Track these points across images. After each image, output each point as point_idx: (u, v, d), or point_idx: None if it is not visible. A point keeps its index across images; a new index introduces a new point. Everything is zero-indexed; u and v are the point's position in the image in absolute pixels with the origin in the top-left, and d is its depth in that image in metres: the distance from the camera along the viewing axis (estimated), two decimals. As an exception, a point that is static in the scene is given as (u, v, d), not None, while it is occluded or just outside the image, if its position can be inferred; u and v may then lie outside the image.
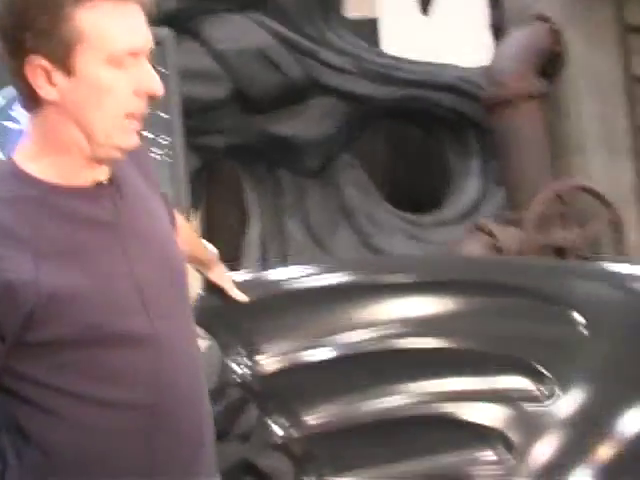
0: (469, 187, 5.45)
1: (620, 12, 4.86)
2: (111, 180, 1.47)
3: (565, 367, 2.49)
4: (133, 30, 1.38)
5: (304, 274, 2.72)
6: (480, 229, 4.65)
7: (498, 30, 5.53)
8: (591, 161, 4.88)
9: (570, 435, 2.45)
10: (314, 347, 2.57)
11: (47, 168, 1.41)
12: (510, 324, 2.65)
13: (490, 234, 4.59)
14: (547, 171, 4.78)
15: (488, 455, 2.47)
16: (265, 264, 4.88)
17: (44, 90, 1.36)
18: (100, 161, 1.43)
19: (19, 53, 1.35)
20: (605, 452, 2.44)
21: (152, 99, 1.42)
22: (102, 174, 1.45)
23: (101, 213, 1.44)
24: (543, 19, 4.88)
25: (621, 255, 4.59)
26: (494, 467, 2.46)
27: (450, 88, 5.31)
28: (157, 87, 1.41)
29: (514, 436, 2.40)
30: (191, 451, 1.50)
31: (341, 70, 5.06)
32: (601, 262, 3.39)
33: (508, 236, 4.60)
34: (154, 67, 1.42)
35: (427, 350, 2.50)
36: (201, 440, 1.52)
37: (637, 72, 4.89)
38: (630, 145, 4.92)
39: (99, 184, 1.45)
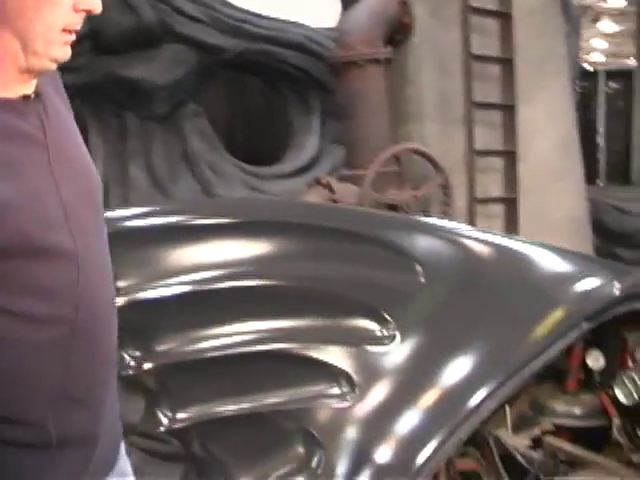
0: (309, 144, 5.64)
1: (465, -9, 5.16)
2: (37, 95, 1.43)
3: (404, 312, 2.65)
4: None
5: (149, 213, 2.79)
6: (320, 183, 4.85)
7: (347, -4, 5.74)
8: (427, 128, 5.17)
9: (407, 376, 2.64)
10: (163, 283, 2.63)
11: None
12: (354, 269, 2.77)
13: (329, 188, 4.79)
14: (387, 133, 5.03)
15: (332, 391, 2.63)
16: (106, 209, 4.86)
17: None
18: (32, 72, 1.40)
19: None
20: (435, 394, 2.65)
21: (89, 14, 1.41)
22: (29, 88, 1.41)
23: (29, 128, 1.43)
24: (394, -11, 5.13)
25: (446, 216, 4.91)
26: (337, 402, 2.60)
27: (297, 46, 5.45)
28: (96, 4, 1.40)
29: (356, 374, 2.52)
30: (104, 368, 1.53)
31: (193, 19, 5.08)
32: (436, 219, 3.64)
33: (346, 191, 4.81)
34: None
35: (274, 289, 2.60)
36: (112, 357, 1.54)
37: (475, 50, 5.22)
38: (463, 117, 5.24)
39: (26, 98, 1.41)
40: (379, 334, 2.53)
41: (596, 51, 17.36)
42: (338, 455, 2.39)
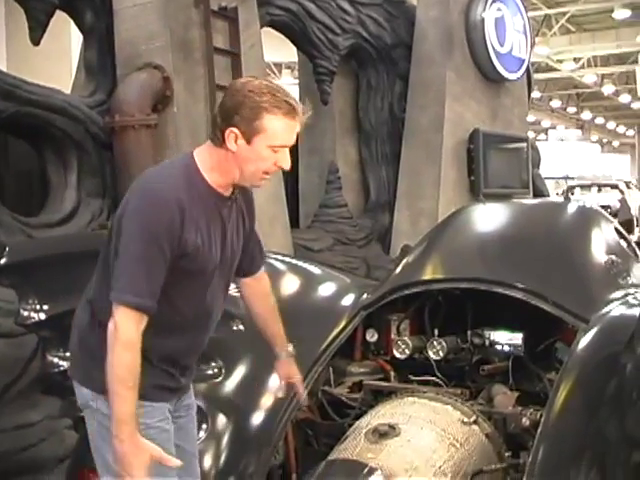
0: (68, 197, 6.22)
1: (211, 72, 6.34)
2: (231, 198, 2.45)
3: (228, 353, 3.32)
4: (289, 136, 2.33)
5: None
6: (105, 227, 5.65)
7: (89, 67, 6.60)
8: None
9: (236, 400, 3.24)
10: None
11: (214, 180, 2.37)
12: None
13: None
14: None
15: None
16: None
17: (230, 145, 2.31)
18: (236, 186, 2.44)
19: (226, 121, 2.29)
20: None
21: (282, 169, 2.42)
22: (230, 192, 2.45)
23: (224, 213, 2.45)
24: (157, 68, 6.15)
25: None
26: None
27: (60, 110, 6.01)
28: (287, 166, 2.40)
29: (203, 403, 3.07)
30: (202, 340, 2.59)
31: (-32, 83, 5.52)
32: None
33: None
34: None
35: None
36: (208, 327, 2.59)
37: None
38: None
39: (230, 197, 2.45)
40: (212, 371, 3.29)
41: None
42: (218, 423, 3.20)
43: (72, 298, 2.71)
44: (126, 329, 2.25)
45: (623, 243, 3.93)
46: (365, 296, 3.71)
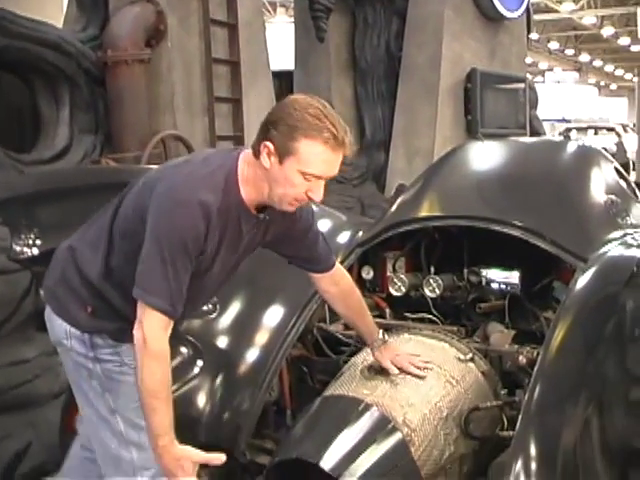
0: (60, 133, 6.17)
1: (205, 6, 6.22)
2: (258, 218, 2.36)
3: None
4: (325, 167, 2.19)
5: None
6: (97, 163, 5.61)
7: (81, 0, 6.47)
8: (178, 118, 6.14)
9: (231, 337, 3.21)
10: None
11: (247, 194, 2.28)
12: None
13: (109, 167, 5.55)
14: (147, 122, 5.90)
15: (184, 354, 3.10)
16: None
17: (263, 159, 2.20)
18: (267, 206, 2.33)
19: (264, 133, 2.17)
20: (275, 310, 3.28)
21: (311, 200, 2.29)
22: (260, 211, 2.37)
23: (247, 230, 2.37)
24: (151, 1, 6.04)
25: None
26: (189, 365, 3.06)
27: (53, 45, 5.92)
28: (317, 199, 2.25)
29: (197, 340, 3.08)
30: (199, 304, 2.63)
31: (-40, 16, 5.41)
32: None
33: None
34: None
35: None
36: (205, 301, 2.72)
37: (215, 55, 6.31)
38: (205, 107, 6.30)
39: (257, 216, 2.36)
40: (206, 307, 3.16)
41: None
42: (212, 359, 3.09)
43: (65, 233, 2.66)
44: (156, 339, 2.21)
45: (623, 183, 3.87)
46: (361, 234, 3.67)
